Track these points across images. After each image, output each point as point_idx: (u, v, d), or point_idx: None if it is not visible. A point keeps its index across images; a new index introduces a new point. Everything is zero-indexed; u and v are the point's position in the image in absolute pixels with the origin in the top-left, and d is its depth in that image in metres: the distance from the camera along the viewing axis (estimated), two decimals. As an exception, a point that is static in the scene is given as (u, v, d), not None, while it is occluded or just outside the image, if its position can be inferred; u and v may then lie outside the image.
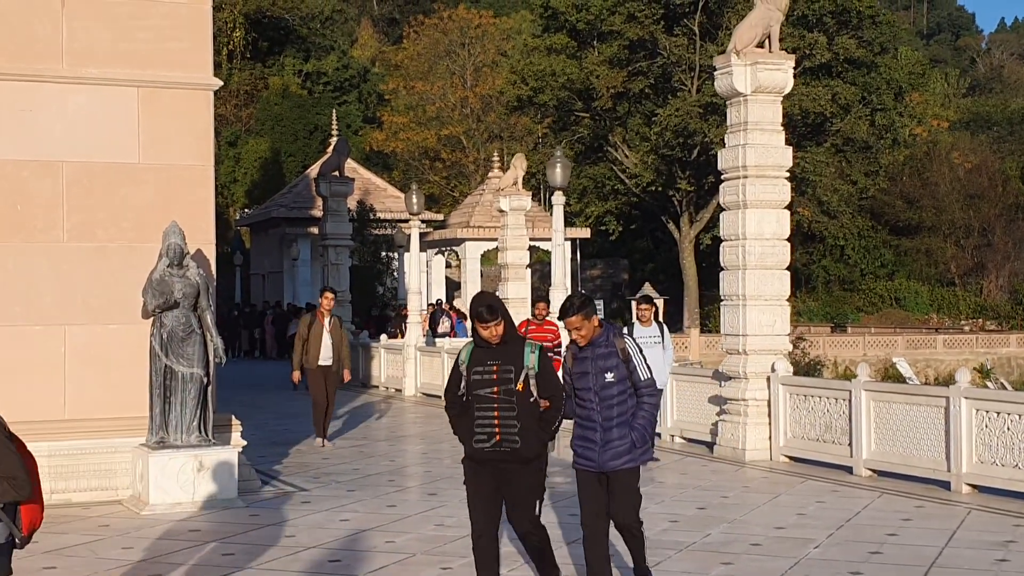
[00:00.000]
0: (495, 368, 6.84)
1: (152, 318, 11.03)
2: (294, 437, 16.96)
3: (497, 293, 29.10)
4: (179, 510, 10.66)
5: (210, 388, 11.34)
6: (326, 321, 16.07)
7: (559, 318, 7.17)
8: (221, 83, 12.55)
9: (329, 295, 16.42)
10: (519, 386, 6.81)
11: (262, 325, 40.61)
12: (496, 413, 6.80)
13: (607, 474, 7.15)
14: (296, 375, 16.65)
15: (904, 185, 64.78)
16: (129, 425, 11.37)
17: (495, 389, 6.82)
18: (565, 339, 14.16)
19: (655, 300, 14.56)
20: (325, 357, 16.07)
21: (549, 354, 13.91)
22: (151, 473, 10.75)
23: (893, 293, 61.11)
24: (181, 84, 11.88)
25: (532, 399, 6.86)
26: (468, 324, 28.52)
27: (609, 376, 7.08)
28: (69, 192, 11.49)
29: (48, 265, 11.41)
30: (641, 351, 7.22)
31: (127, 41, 11.68)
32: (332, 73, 74.92)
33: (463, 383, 6.94)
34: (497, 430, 6.80)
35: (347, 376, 16.46)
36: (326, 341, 15.98)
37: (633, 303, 49.66)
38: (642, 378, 7.16)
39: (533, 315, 15.02)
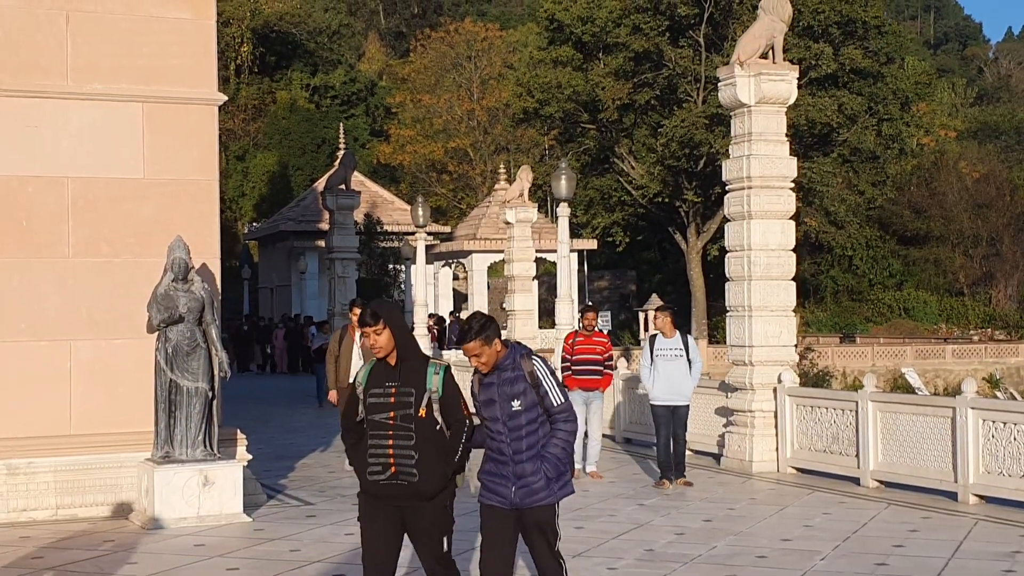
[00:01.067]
0: (392, 391, 6.16)
1: (157, 333, 11.04)
2: (300, 451, 16.96)
3: (504, 305, 29.14)
4: (184, 525, 10.66)
5: (215, 402, 11.34)
6: (357, 336, 14.82)
7: (457, 343, 6.35)
8: (226, 98, 12.58)
9: (358, 309, 15.06)
10: (421, 412, 6.12)
11: (270, 340, 40.48)
12: (390, 442, 6.12)
13: (521, 513, 6.34)
14: (333, 394, 15.38)
15: (912, 195, 64.70)
16: (134, 440, 11.37)
17: (391, 414, 6.13)
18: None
19: (669, 308, 13.78)
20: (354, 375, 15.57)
21: (602, 367, 13.81)
22: (156, 488, 10.75)
23: (901, 303, 60.98)
24: (186, 99, 11.91)
25: (437, 427, 6.18)
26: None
27: (516, 404, 6.26)
28: (74, 207, 11.52)
29: (53, 280, 11.43)
30: (553, 373, 6.37)
31: (131, 57, 11.71)
32: (339, 87, 75.14)
33: (360, 407, 6.26)
34: (392, 460, 6.10)
35: None
36: (358, 357, 14.84)
37: (649, 314, 49.67)
38: (555, 403, 6.31)
39: (581, 326, 14.15)
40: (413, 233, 30.05)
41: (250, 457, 12.37)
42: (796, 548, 9.59)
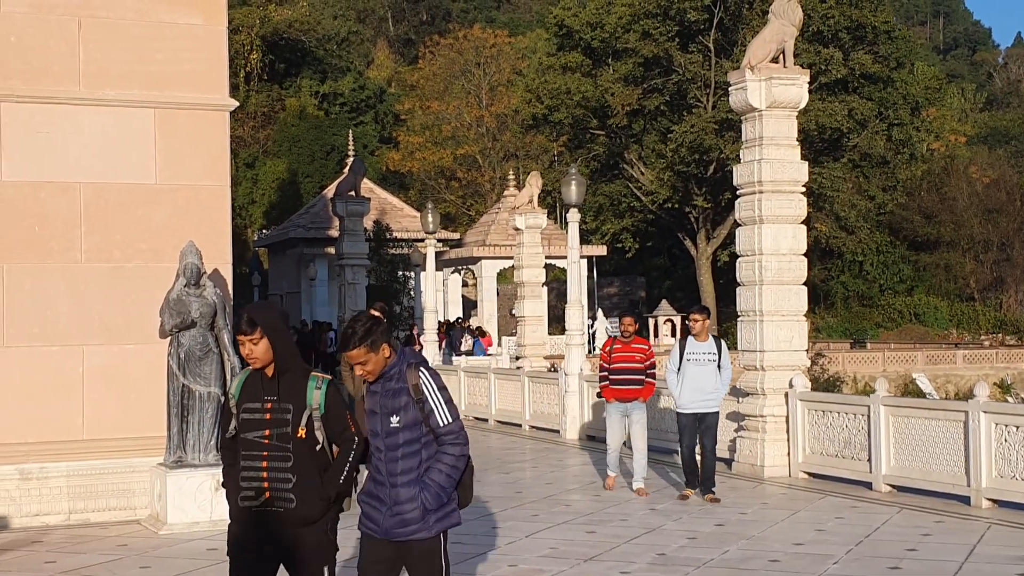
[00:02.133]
0: (269, 406, 5.59)
1: (169, 338, 11.06)
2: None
3: (513, 311, 29.14)
4: (197, 529, 10.67)
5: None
6: None
7: (339, 349, 5.67)
8: (237, 104, 12.61)
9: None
10: (300, 431, 5.55)
11: None
12: (265, 464, 5.55)
13: (398, 545, 5.62)
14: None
15: (922, 200, 64.63)
16: (147, 445, 11.39)
17: (266, 433, 5.56)
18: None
19: (706, 309, 12.97)
20: None
21: (644, 377, 12.91)
22: (169, 492, 10.76)
23: (912, 309, 60.89)
24: (197, 105, 11.94)
25: (319, 447, 5.61)
26: (480, 340, 27.77)
27: (395, 420, 5.51)
28: (86, 213, 11.55)
29: (66, 286, 11.46)
30: (443, 388, 5.61)
31: (143, 63, 11.75)
32: (348, 94, 75.32)
33: (233, 423, 5.70)
34: (266, 484, 5.53)
35: None
36: None
37: (653, 318, 49.68)
38: (442, 423, 5.52)
39: (620, 333, 13.26)
40: (422, 240, 30.10)
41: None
42: (809, 552, 9.57)
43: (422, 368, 5.58)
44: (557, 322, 46.55)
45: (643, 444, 13.04)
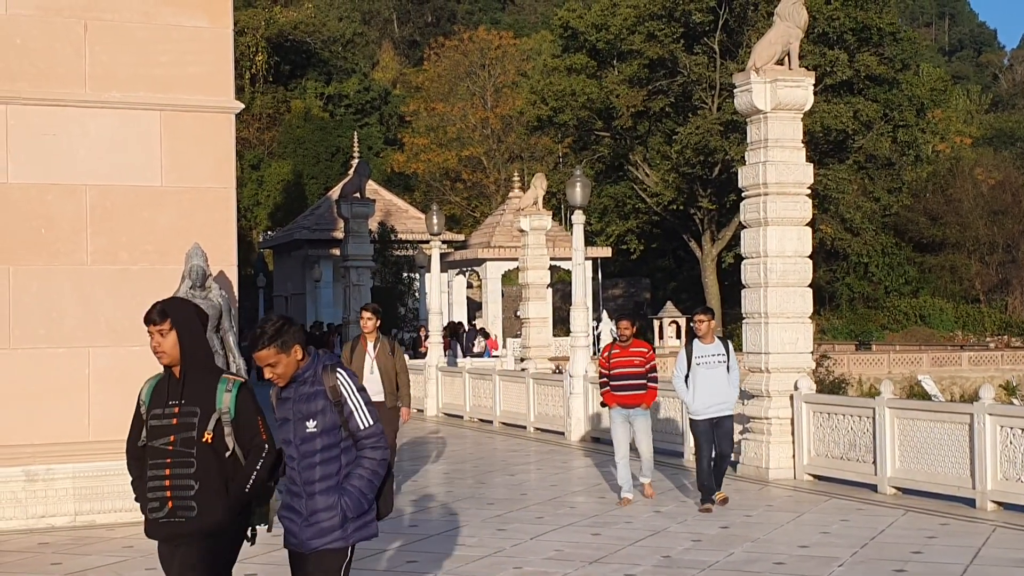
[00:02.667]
0: (176, 410, 5.28)
1: (175, 340, 11.06)
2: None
3: (518, 313, 29.15)
4: (202, 531, 10.67)
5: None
6: (370, 346, 12.60)
7: (249, 350, 5.31)
8: (243, 106, 12.62)
9: (367, 313, 12.77)
10: (206, 437, 5.21)
11: None
12: (168, 472, 5.23)
13: (306, 558, 5.36)
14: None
15: (927, 202, 64.58)
16: (152, 446, 11.39)
17: (171, 438, 5.24)
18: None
19: (711, 311, 12.43)
20: (371, 391, 11.95)
21: (645, 381, 12.37)
22: (174, 494, 10.76)
23: (917, 310, 60.84)
24: (203, 107, 11.96)
25: (228, 454, 5.28)
26: (483, 342, 27.64)
27: (311, 425, 5.24)
28: (92, 215, 11.57)
29: (71, 288, 11.48)
30: (361, 389, 5.36)
31: (149, 65, 11.77)
32: (353, 96, 75.38)
33: (144, 430, 5.40)
34: (169, 494, 5.20)
35: (405, 415, 12.62)
36: (370, 371, 12.55)
37: (666, 321, 49.70)
38: (362, 426, 5.27)
39: (618, 337, 12.77)
40: (427, 241, 30.11)
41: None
42: (814, 555, 9.57)
43: (339, 369, 5.33)
44: (562, 324, 46.55)
45: (649, 452, 12.70)
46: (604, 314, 44.87)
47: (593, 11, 51.48)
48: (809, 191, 14.34)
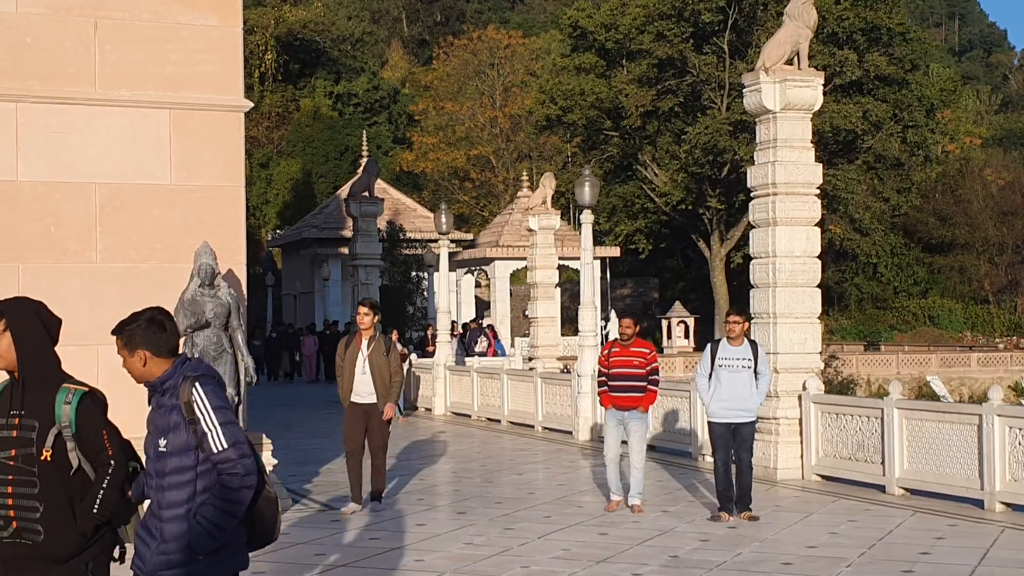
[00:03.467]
0: (16, 422, 4.80)
1: (184, 338, 11.10)
2: (325, 456, 17.00)
3: (526, 312, 29.15)
4: (210, 529, 10.68)
5: (241, 407, 11.39)
6: (364, 344, 12.00)
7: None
8: (252, 104, 12.64)
9: (364, 308, 12.17)
10: (46, 454, 4.74)
11: (298, 347, 40.18)
12: (10, 489, 4.76)
13: None
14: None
15: (937, 202, 64.46)
16: (161, 444, 11.41)
17: (12, 452, 4.76)
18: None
19: (744, 312, 11.95)
20: (362, 392, 12.01)
21: (644, 383, 11.68)
22: (182, 492, 10.77)
23: (926, 311, 60.73)
24: (212, 106, 11.98)
25: (72, 471, 4.81)
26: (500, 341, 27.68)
27: (162, 443, 4.72)
28: (102, 213, 11.59)
29: (81, 285, 11.51)
30: (221, 407, 4.72)
31: (158, 64, 11.79)
32: (363, 94, 75.46)
33: None
34: (12, 513, 4.74)
35: (388, 411, 12.06)
36: (361, 370, 11.96)
37: (673, 321, 49.66)
38: (215, 448, 4.66)
39: (619, 335, 12.24)
40: (436, 240, 30.12)
41: (275, 462, 12.42)
42: (821, 555, 9.56)
43: (198, 383, 4.71)
44: (570, 323, 46.56)
45: (641, 458, 11.86)
46: (612, 313, 44.78)
47: (602, 11, 51.44)
48: (818, 191, 14.33)
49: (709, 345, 11.62)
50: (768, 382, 11.61)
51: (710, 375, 11.38)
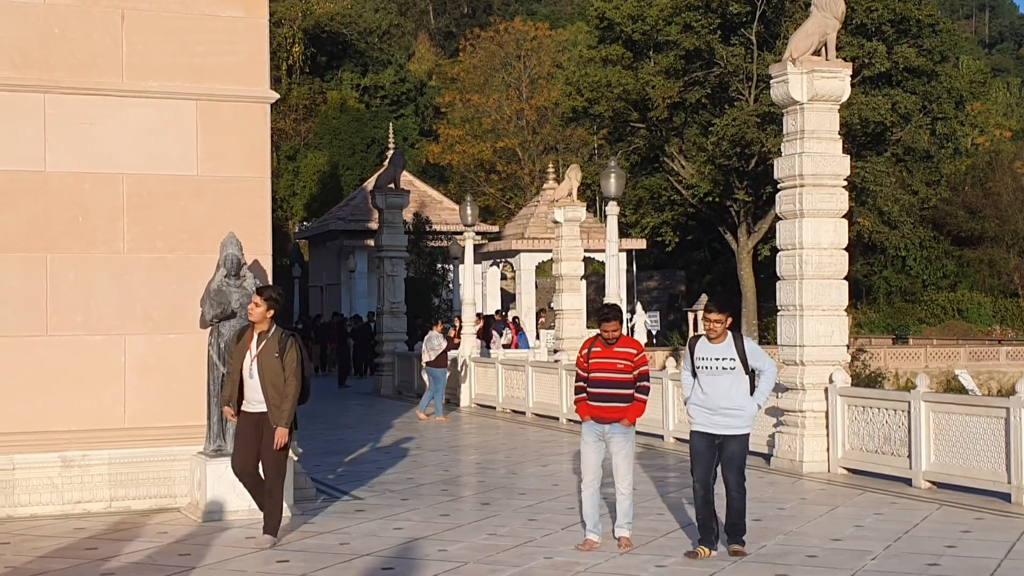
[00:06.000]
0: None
1: (210, 328, 11.16)
2: (349, 447, 17.07)
3: (552, 304, 29.10)
4: (235, 518, 10.76)
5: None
6: (253, 343, 9.97)
7: None
8: (278, 96, 12.68)
9: (258, 297, 10.04)
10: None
11: (327, 340, 39.63)
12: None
13: None
14: (227, 411, 10.22)
15: (966, 195, 63.95)
16: (187, 433, 11.50)
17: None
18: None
19: (727, 305, 9.78)
20: (252, 400, 9.94)
21: (631, 391, 9.22)
22: (208, 481, 10.86)
23: (955, 304, 60.29)
24: (238, 97, 12.02)
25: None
26: (524, 333, 27.58)
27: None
28: (129, 204, 11.66)
29: (108, 275, 11.59)
30: None
31: (185, 55, 11.85)
32: (389, 87, 75.52)
33: None
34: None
35: (279, 437, 9.72)
36: (249, 373, 9.92)
37: (692, 312, 49.55)
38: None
39: (601, 335, 9.84)
40: (461, 232, 30.13)
41: (301, 452, 12.48)
42: (847, 548, 9.52)
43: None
44: (596, 315, 46.45)
45: (628, 483, 9.64)
46: (638, 306, 44.74)
47: (629, 2, 51.21)
48: (846, 183, 14.25)
49: (688, 343, 9.74)
50: (773, 378, 9.54)
51: (693, 372, 9.53)
